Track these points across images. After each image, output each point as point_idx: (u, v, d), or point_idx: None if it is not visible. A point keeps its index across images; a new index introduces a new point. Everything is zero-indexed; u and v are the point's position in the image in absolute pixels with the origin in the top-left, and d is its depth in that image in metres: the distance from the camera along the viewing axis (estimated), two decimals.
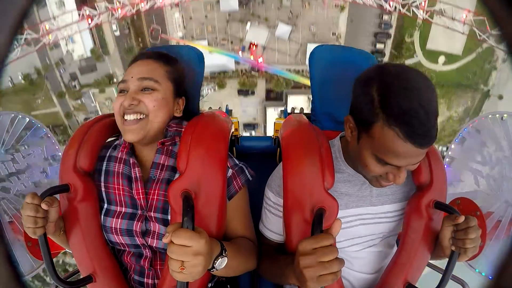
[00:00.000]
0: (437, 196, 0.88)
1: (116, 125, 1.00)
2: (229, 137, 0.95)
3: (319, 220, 0.75)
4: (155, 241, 0.89)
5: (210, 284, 0.98)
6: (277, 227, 0.95)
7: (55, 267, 0.82)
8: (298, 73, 18.38)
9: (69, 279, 0.89)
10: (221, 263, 0.77)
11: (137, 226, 0.89)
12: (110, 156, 0.96)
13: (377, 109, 0.71)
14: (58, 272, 0.82)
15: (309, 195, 0.82)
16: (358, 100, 0.78)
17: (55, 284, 0.85)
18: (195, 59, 1.12)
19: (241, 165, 0.95)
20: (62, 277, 0.85)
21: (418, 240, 0.88)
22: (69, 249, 0.95)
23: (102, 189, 0.93)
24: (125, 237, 0.90)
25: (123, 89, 0.90)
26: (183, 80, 0.98)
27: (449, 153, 1.42)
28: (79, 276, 0.92)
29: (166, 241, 0.67)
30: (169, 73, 0.94)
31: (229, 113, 1.73)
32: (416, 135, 0.68)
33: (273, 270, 0.93)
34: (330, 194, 0.82)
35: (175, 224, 0.69)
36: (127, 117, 0.86)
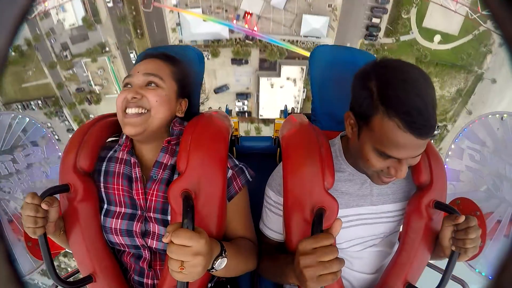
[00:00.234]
0: (437, 196, 0.88)
1: (116, 125, 1.00)
2: (229, 137, 0.95)
3: (319, 220, 0.76)
4: (154, 242, 0.89)
5: (210, 284, 0.98)
6: (277, 226, 0.95)
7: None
8: (292, 43, 18.11)
9: (69, 279, 0.89)
10: (221, 263, 0.77)
11: (136, 226, 0.89)
12: (110, 157, 0.96)
13: (376, 101, 0.72)
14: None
15: (309, 195, 0.82)
16: (357, 95, 0.78)
17: (55, 284, 0.85)
18: (195, 59, 1.12)
19: (241, 165, 0.95)
20: (62, 277, 0.85)
21: (418, 240, 0.88)
22: (69, 249, 0.95)
23: (102, 189, 0.93)
24: (125, 237, 0.90)
25: (128, 83, 0.91)
26: (187, 82, 1.00)
27: (449, 153, 1.42)
28: (79, 276, 0.92)
29: (166, 241, 0.67)
30: (174, 74, 0.95)
31: (229, 113, 1.73)
32: (415, 125, 0.69)
33: (273, 269, 0.93)
34: (330, 194, 0.82)
35: (175, 224, 0.69)
36: (129, 110, 0.87)
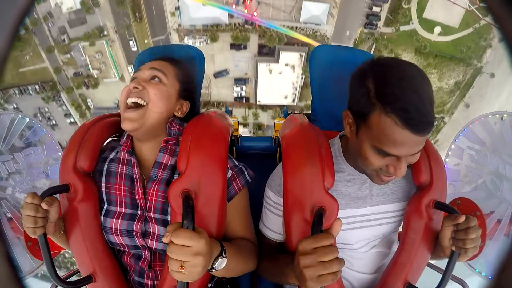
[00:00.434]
0: (437, 196, 0.88)
1: (116, 125, 1.00)
2: (229, 137, 0.95)
3: (319, 220, 0.75)
4: (154, 243, 0.89)
5: (210, 284, 0.98)
6: (277, 227, 0.95)
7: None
8: (291, 30, 17.90)
9: (69, 279, 0.89)
10: (221, 263, 0.77)
11: (137, 226, 0.89)
12: (113, 158, 0.97)
13: (373, 99, 0.72)
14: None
15: (309, 195, 0.82)
16: (354, 93, 0.79)
17: (55, 284, 0.85)
18: (195, 59, 1.13)
19: (241, 166, 0.95)
20: (62, 277, 0.85)
21: (418, 240, 0.88)
22: (69, 250, 0.94)
23: (102, 189, 0.93)
24: (125, 237, 0.90)
25: (134, 77, 0.95)
26: (191, 85, 1.02)
27: (449, 153, 1.42)
28: (79, 276, 0.92)
29: (166, 240, 0.67)
30: (178, 75, 0.98)
31: (229, 114, 1.73)
32: (412, 121, 0.69)
33: (273, 269, 0.93)
34: (330, 194, 0.82)
35: (175, 224, 0.69)
36: (129, 100, 0.89)
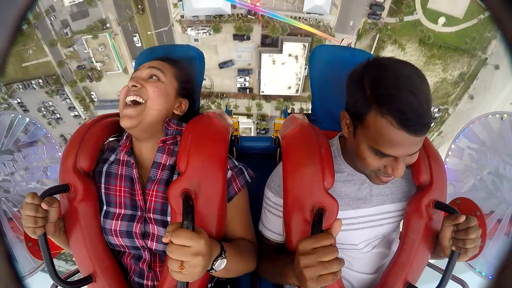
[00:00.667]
0: (437, 196, 0.88)
1: (116, 125, 1.00)
2: (229, 137, 0.95)
3: (319, 220, 0.75)
4: (154, 244, 0.89)
5: (210, 284, 0.98)
6: (277, 227, 0.95)
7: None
8: (295, 19, 17.71)
9: (69, 279, 0.89)
10: (220, 264, 0.77)
11: (136, 227, 0.88)
12: (113, 159, 0.97)
13: (370, 99, 0.72)
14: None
15: (309, 195, 0.82)
16: (351, 94, 0.79)
17: (55, 284, 0.85)
18: (195, 59, 1.13)
19: (241, 166, 0.95)
20: (62, 277, 0.85)
21: (418, 240, 0.88)
22: (69, 250, 0.94)
23: (102, 190, 0.93)
24: (124, 238, 0.89)
25: (133, 76, 0.95)
26: (189, 84, 1.03)
27: (449, 153, 1.42)
28: (79, 276, 0.92)
29: (165, 240, 0.67)
30: (177, 74, 0.99)
31: (229, 113, 1.73)
32: (408, 122, 0.68)
33: (272, 269, 0.93)
34: (330, 194, 0.82)
35: (175, 224, 0.69)
36: (128, 98, 0.90)
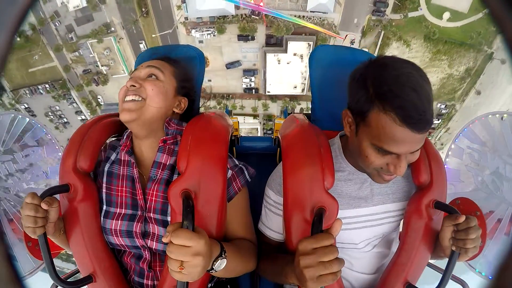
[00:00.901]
0: (437, 196, 0.88)
1: (116, 125, 1.00)
2: (229, 137, 0.95)
3: (319, 219, 0.75)
4: (154, 243, 0.89)
5: (210, 284, 0.98)
6: (277, 226, 0.95)
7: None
8: (298, 18, 17.65)
9: (69, 279, 0.89)
10: (220, 264, 0.77)
11: (136, 227, 0.88)
12: (113, 159, 0.97)
13: (372, 97, 0.73)
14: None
15: (309, 195, 0.82)
16: (353, 93, 0.79)
17: (55, 284, 0.85)
18: (195, 58, 1.13)
19: (241, 165, 0.95)
20: (62, 277, 0.85)
21: (418, 240, 0.88)
22: (69, 250, 0.94)
23: (103, 190, 0.93)
24: (125, 238, 0.89)
25: (132, 76, 0.96)
26: (188, 83, 1.03)
27: (449, 153, 1.42)
28: (79, 276, 0.92)
29: (165, 240, 0.67)
30: (175, 73, 0.99)
31: (229, 113, 1.73)
32: (411, 119, 0.69)
33: (273, 269, 0.93)
34: (330, 194, 0.82)
35: (175, 224, 0.69)
36: (127, 97, 0.90)
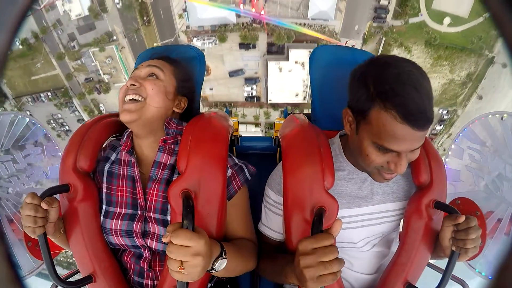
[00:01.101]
0: (437, 196, 0.88)
1: (116, 125, 1.00)
2: (229, 137, 0.95)
3: (319, 219, 0.75)
4: (154, 243, 0.89)
5: (210, 284, 0.98)
6: (277, 226, 0.95)
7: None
8: (299, 25, 17.75)
9: (69, 279, 0.89)
10: (221, 264, 0.77)
11: (137, 226, 0.88)
12: (114, 159, 0.97)
13: (373, 95, 0.74)
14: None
15: (309, 195, 0.82)
16: (354, 91, 0.80)
17: (55, 284, 0.85)
18: (195, 58, 1.13)
19: (241, 164, 0.95)
20: (62, 277, 0.85)
21: (418, 240, 0.88)
22: (69, 250, 0.94)
23: (103, 190, 0.93)
24: (125, 238, 0.89)
25: (132, 76, 0.96)
26: (188, 83, 1.03)
27: (449, 153, 1.42)
28: (79, 276, 0.92)
29: (165, 240, 0.67)
30: (175, 72, 0.99)
31: (229, 114, 1.73)
32: (412, 116, 0.70)
33: (272, 269, 0.93)
34: (330, 194, 0.82)
35: (175, 224, 0.69)
36: (127, 97, 0.90)
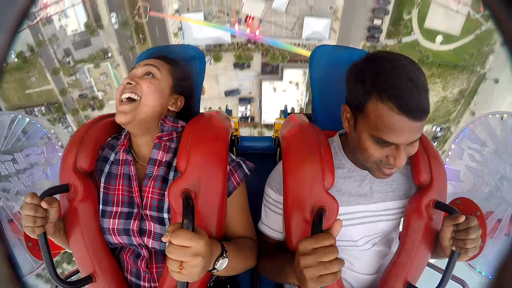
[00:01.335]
0: (437, 196, 0.88)
1: (116, 124, 1.00)
2: (229, 137, 0.95)
3: (319, 219, 0.75)
4: (150, 241, 0.89)
5: (209, 283, 0.98)
6: (277, 225, 0.95)
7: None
8: (294, 45, 17.94)
9: (69, 279, 0.89)
10: (222, 264, 0.77)
11: (134, 225, 0.89)
12: (112, 160, 0.97)
13: (370, 89, 0.75)
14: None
15: (309, 195, 0.82)
16: (351, 87, 0.81)
17: (55, 284, 0.85)
18: (195, 58, 1.13)
19: (238, 160, 0.95)
20: (62, 277, 0.85)
21: (418, 240, 0.88)
22: (69, 250, 0.95)
23: (101, 189, 0.93)
24: (122, 236, 0.90)
25: (130, 74, 0.96)
26: (185, 82, 1.02)
27: (449, 153, 1.42)
28: (79, 276, 0.92)
29: (165, 240, 0.67)
30: (172, 71, 0.99)
31: (229, 113, 1.73)
32: (408, 107, 0.71)
33: (272, 268, 0.93)
34: (330, 194, 0.82)
35: (175, 224, 0.69)
36: (123, 96, 0.90)
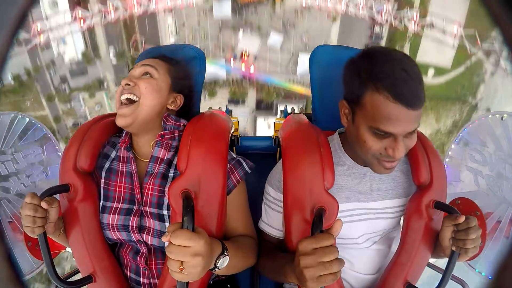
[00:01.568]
0: (437, 196, 0.88)
1: (116, 125, 1.00)
2: (230, 137, 0.95)
3: (319, 219, 0.75)
4: (150, 238, 0.89)
5: (208, 283, 0.98)
6: (277, 223, 0.95)
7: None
8: (288, 81, 18.24)
9: (69, 279, 0.90)
10: (223, 262, 0.77)
11: (133, 221, 0.89)
12: (113, 157, 0.97)
13: (365, 81, 0.77)
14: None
15: (309, 195, 0.82)
16: (348, 81, 0.83)
17: (55, 284, 0.85)
18: (195, 58, 1.13)
19: (238, 158, 0.95)
20: (62, 277, 0.85)
21: (418, 240, 0.88)
22: (70, 247, 0.95)
23: (101, 185, 0.93)
24: (121, 232, 0.90)
25: (128, 75, 0.96)
26: (184, 80, 1.02)
27: (449, 153, 1.42)
28: (79, 276, 0.92)
29: (165, 240, 0.67)
30: (170, 70, 0.98)
31: (229, 113, 1.73)
32: (403, 95, 0.73)
33: (272, 267, 0.93)
34: (330, 194, 0.82)
35: (175, 224, 0.69)
36: (122, 97, 0.90)
